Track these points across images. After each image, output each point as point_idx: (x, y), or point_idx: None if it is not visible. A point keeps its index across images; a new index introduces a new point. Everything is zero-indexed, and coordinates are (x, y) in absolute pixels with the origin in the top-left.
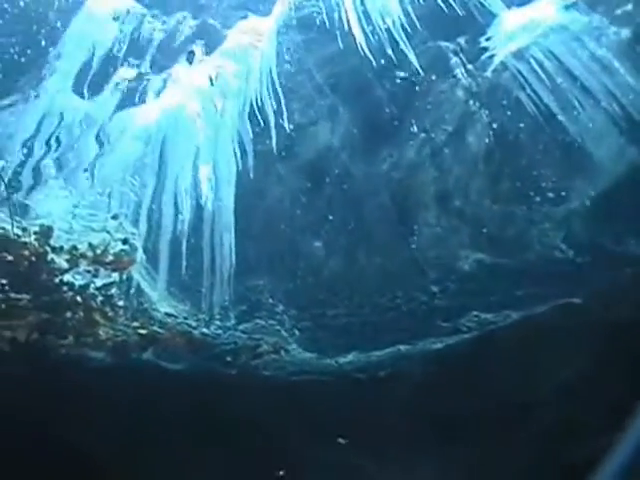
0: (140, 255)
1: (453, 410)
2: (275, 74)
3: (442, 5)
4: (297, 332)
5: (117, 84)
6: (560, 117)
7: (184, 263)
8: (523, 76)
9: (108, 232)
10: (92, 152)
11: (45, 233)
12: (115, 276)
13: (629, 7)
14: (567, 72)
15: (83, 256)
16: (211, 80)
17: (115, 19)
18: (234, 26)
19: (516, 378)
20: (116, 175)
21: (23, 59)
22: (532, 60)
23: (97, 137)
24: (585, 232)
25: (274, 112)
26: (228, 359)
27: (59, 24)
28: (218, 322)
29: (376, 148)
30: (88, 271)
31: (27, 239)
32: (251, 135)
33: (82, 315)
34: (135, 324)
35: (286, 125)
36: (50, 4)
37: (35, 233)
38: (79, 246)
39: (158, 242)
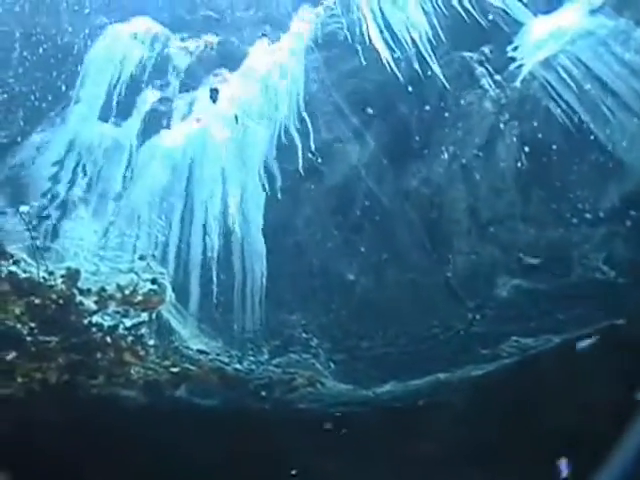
0: (169, 294)
1: (494, 438)
2: (302, 94)
3: (465, 16)
4: (332, 365)
5: (142, 109)
6: (591, 125)
7: (215, 300)
8: (551, 85)
9: (136, 273)
10: (119, 180)
11: (72, 276)
12: (144, 316)
13: None
14: (595, 78)
15: (112, 297)
16: (236, 118)
17: (138, 42)
18: (255, 44)
19: (559, 403)
20: (143, 203)
21: (49, 95)
22: (560, 68)
23: (126, 164)
24: (627, 252)
25: (300, 133)
26: (262, 394)
27: (81, 51)
28: (251, 357)
29: (404, 165)
30: (117, 312)
31: (54, 282)
32: (277, 158)
33: (112, 355)
34: (166, 362)
35: (312, 145)
36: (73, 31)
37: (62, 276)
38: (107, 287)
39: (188, 279)
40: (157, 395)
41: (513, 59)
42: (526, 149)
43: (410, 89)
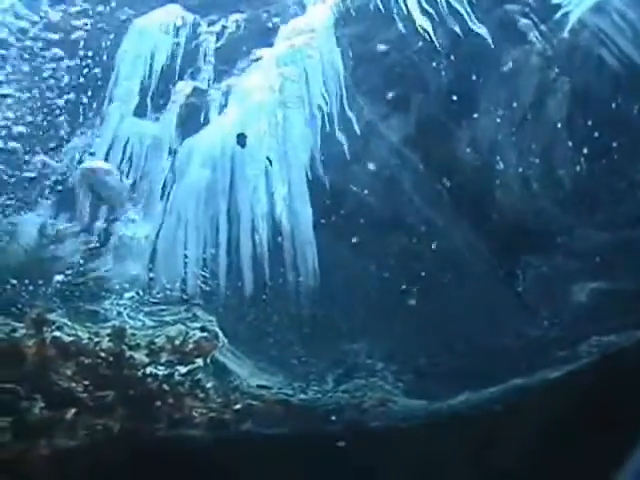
0: (222, 339)
1: (580, 438)
2: (341, 73)
3: None
4: (402, 384)
5: (177, 102)
6: None
7: (270, 339)
8: (604, 32)
9: (183, 324)
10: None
11: (118, 334)
12: (199, 361)
13: None
14: None
15: (162, 349)
16: (269, 160)
17: (166, 32)
18: (284, 17)
19: None
20: (189, 203)
21: (85, 96)
22: (614, 13)
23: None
24: None
25: (340, 114)
26: (332, 418)
27: (111, 49)
28: (315, 387)
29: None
30: (170, 361)
31: (100, 341)
32: (320, 143)
33: (172, 401)
34: (228, 401)
35: (355, 127)
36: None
37: (108, 335)
38: (156, 340)
39: (239, 322)
40: (223, 431)
41: (558, 5)
42: (583, 152)
43: (451, 56)
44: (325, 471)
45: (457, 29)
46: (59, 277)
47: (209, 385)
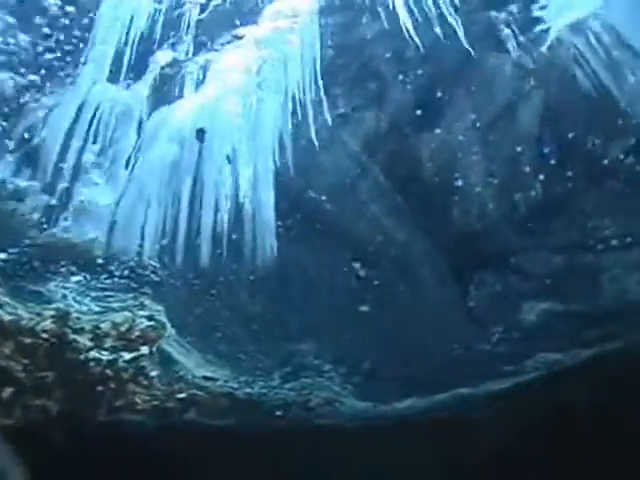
0: (169, 329)
1: (520, 447)
2: (318, 61)
3: None
4: (349, 386)
5: (153, 71)
6: (615, 95)
7: (219, 333)
8: (580, 51)
9: (130, 311)
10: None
11: (62, 317)
12: (144, 349)
13: None
14: (626, 45)
15: (107, 335)
16: (228, 158)
17: None
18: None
19: (586, 416)
20: (152, 176)
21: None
22: (590, 33)
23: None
24: None
25: (314, 102)
26: (278, 413)
27: (89, 8)
28: (262, 382)
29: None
30: (115, 347)
31: (43, 323)
32: (290, 129)
33: (114, 386)
34: (172, 389)
35: (327, 116)
36: None
37: (51, 317)
38: (102, 326)
39: (188, 314)
40: (166, 419)
41: (539, 19)
42: (541, 184)
43: (432, 56)
44: (268, 463)
45: (438, 31)
46: (2, 255)
47: (153, 373)
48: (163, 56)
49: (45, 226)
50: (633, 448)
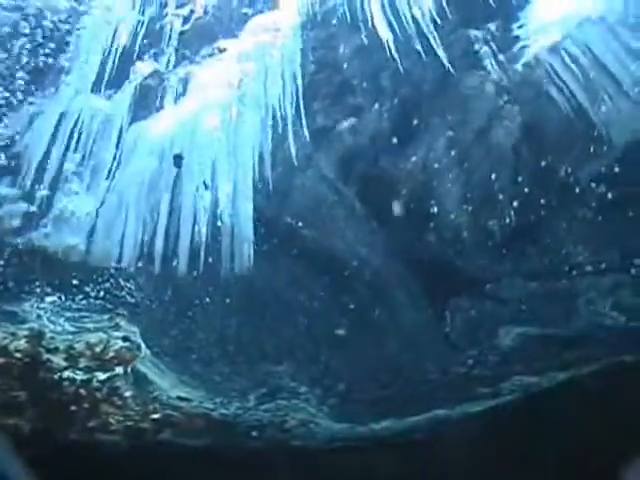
0: (144, 350)
1: (496, 468)
2: (299, 76)
3: None
4: (325, 408)
5: (134, 82)
6: (590, 115)
7: (194, 355)
8: (555, 71)
9: (105, 332)
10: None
11: (36, 337)
12: (119, 370)
13: None
14: (601, 66)
15: (81, 355)
16: (205, 184)
17: (132, 8)
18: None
19: (562, 439)
20: (131, 188)
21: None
22: (566, 54)
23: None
24: (635, 298)
25: (294, 117)
26: (254, 434)
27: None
28: (237, 404)
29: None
30: (89, 367)
31: (18, 342)
32: (270, 144)
33: (88, 406)
34: (147, 410)
35: (306, 132)
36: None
37: (25, 337)
38: (76, 346)
39: (163, 336)
40: (140, 439)
41: (518, 38)
42: (514, 209)
43: (411, 72)
44: None
45: (419, 47)
46: None
47: (128, 393)
48: (144, 67)
49: (24, 232)
50: (610, 468)
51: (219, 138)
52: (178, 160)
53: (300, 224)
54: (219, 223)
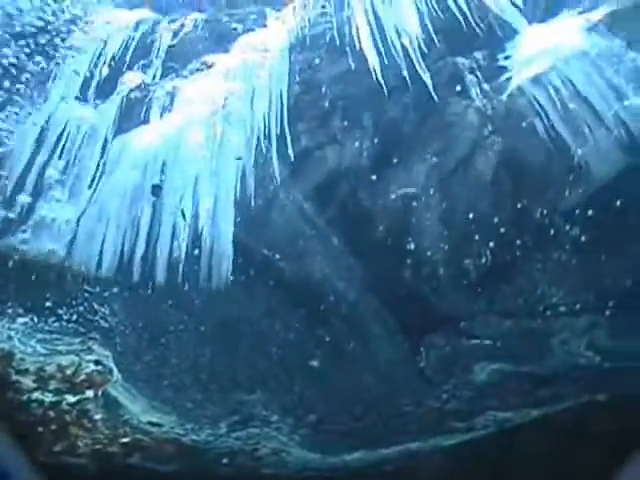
0: (116, 374)
1: None
2: (285, 97)
3: (461, 18)
4: (297, 437)
5: (121, 94)
6: (571, 146)
7: (166, 381)
8: (539, 102)
9: (77, 355)
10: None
11: (6, 357)
12: (89, 393)
13: None
14: (582, 99)
15: (52, 377)
16: (183, 214)
17: (126, 27)
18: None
19: (535, 474)
20: (113, 199)
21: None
22: (550, 86)
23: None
24: (610, 339)
25: (278, 137)
26: (224, 461)
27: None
28: (208, 430)
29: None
30: (59, 389)
31: None
32: (253, 163)
33: (56, 428)
34: (116, 433)
35: (290, 152)
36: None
37: None
38: (47, 368)
39: (136, 361)
40: (108, 463)
41: (503, 68)
42: (491, 250)
43: (397, 97)
44: None
45: (405, 74)
46: None
47: (97, 417)
48: (132, 78)
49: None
50: None
51: (203, 155)
52: (157, 190)
53: (277, 256)
54: (200, 242)
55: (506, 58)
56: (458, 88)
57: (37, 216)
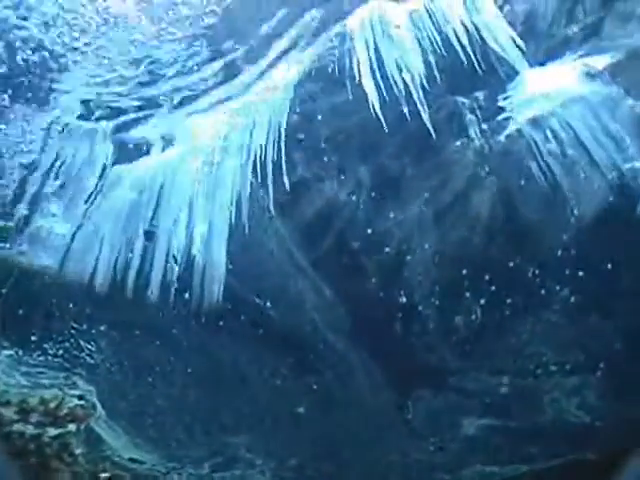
0: (99, 410)
1: None
2: (282, 126)
3: (463, 57)
4: None
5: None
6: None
7: (150, 420)
8: (537, 146)
9: (61, 389)
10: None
11: None
12: (72, 427)
13: None
14: (580, 144)
15: (34, 410)
16: (175, 259)
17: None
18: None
19: None
20: (108, 220)
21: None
22: (548, 130)
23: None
24: (601, 400)
25: (275, 165)
26: None
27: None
28: (191, 470)
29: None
30: (41, 422)
31: None
32: (249, 190)
33: (35, 461)
34: (96, 469)
35: (286, 181)
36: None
37: None
38: (29, 400)
39: (120, 398)
40: None
41: (503, 109)
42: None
43: (395, 133)
44: None
45: (405, 110)
46: None
47: (78, 451)
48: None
49: None
50: None
51: (199, 179)
52: (150, 235)
53: (268, 304)
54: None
55: (505, 99)
56: (457, 127)
57: (33, 228)
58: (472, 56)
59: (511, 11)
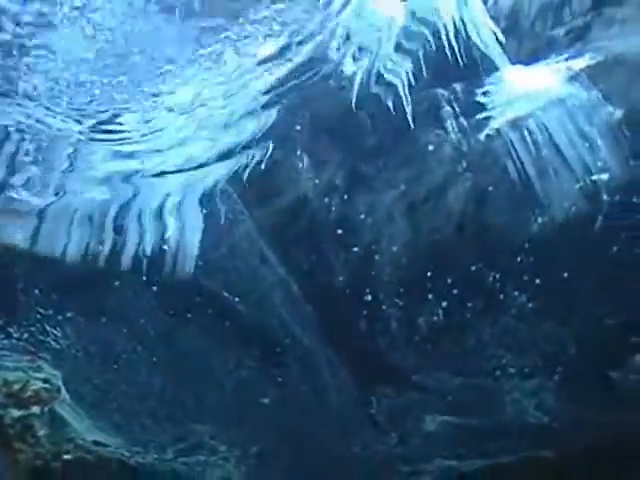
0: (64, 394)
1: None
2: None
3: (448, 52)
4: (243, 467)
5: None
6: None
7: (115, 404)
8: (514, 146)
9: (25, 372)
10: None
11: None
12: (35, 409)
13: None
14: (554, 146)
15: None
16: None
17: None
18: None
19: None
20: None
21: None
22: (526, 131)
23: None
24: (559, 402)
25: (253, 156)
26: None
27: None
28: (155, 455)
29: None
30: (3, 403)
31: None
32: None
33: None
34: (59, 450)
35: (263, 165)
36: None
37: None
38: None
39: (85, 383)
40: (49, 479)
41: (481, 105)
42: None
43: (375, 122)
44: None
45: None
46: None
47: (42, 432)
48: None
49: None
50: None
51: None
52: (119, 228)
53: (237, 299)
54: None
55: (484, 94)
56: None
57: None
58: (455, 49)
59: (495, 6)
